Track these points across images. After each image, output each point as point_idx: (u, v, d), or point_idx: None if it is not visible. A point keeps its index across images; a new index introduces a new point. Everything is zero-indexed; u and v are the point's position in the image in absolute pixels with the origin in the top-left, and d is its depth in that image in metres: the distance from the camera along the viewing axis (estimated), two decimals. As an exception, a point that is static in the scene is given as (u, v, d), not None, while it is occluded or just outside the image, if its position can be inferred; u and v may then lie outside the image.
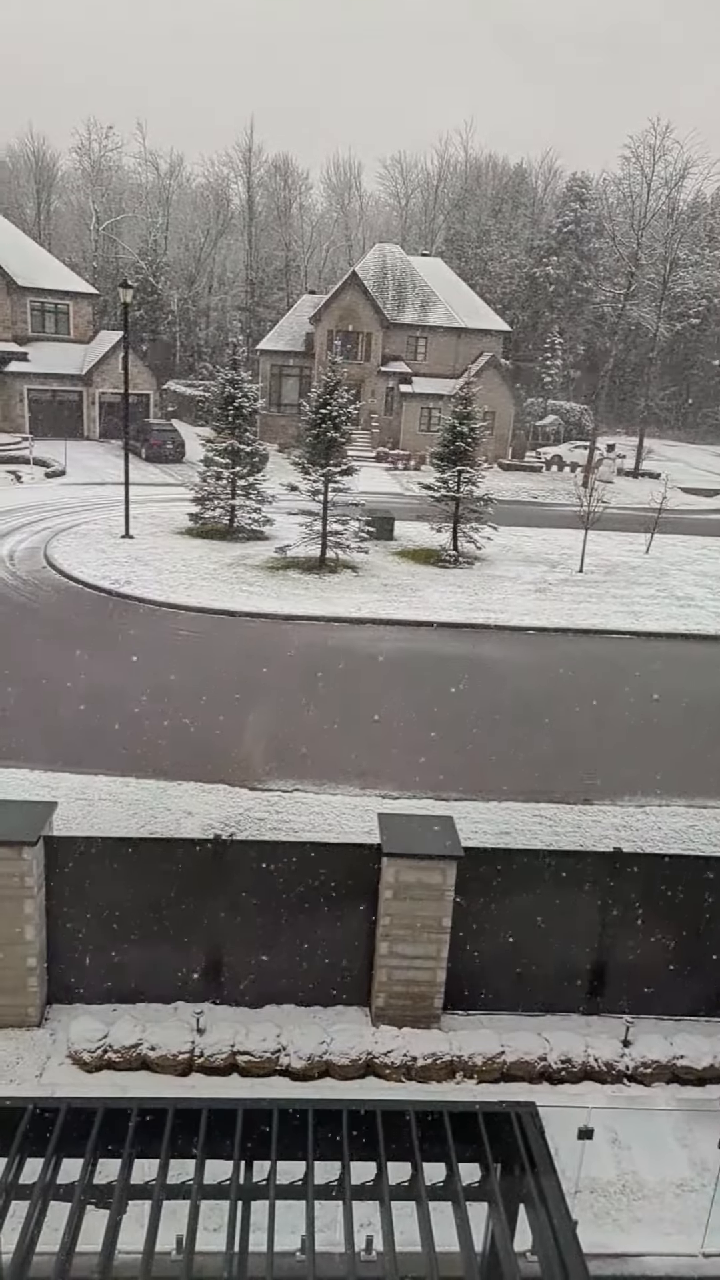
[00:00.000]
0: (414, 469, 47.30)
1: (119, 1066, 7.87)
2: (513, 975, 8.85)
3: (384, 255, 54.35)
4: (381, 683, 18.08)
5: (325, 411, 25.20)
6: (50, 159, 75.62)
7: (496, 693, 17.94)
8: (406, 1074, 7.96)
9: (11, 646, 18.59)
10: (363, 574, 25.77)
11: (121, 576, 23.71)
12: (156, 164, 75.99)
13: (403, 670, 18.90)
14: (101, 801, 12.33)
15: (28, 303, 47.65)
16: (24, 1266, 3.95)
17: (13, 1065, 7.98)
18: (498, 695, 17.78)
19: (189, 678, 17.49)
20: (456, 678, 18.53)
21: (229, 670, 18.18)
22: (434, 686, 17.93)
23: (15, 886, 8.09)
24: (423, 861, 8.26)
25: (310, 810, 12.57)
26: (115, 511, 29.34)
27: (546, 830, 12.42)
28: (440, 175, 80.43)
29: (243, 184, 75.39)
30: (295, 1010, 8.72)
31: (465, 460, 27.37)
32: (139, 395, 46.75)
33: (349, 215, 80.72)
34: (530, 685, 18.47)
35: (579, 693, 18.07)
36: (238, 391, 28.53)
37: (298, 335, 52.78)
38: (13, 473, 37.91)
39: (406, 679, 18.32)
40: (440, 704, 16.99)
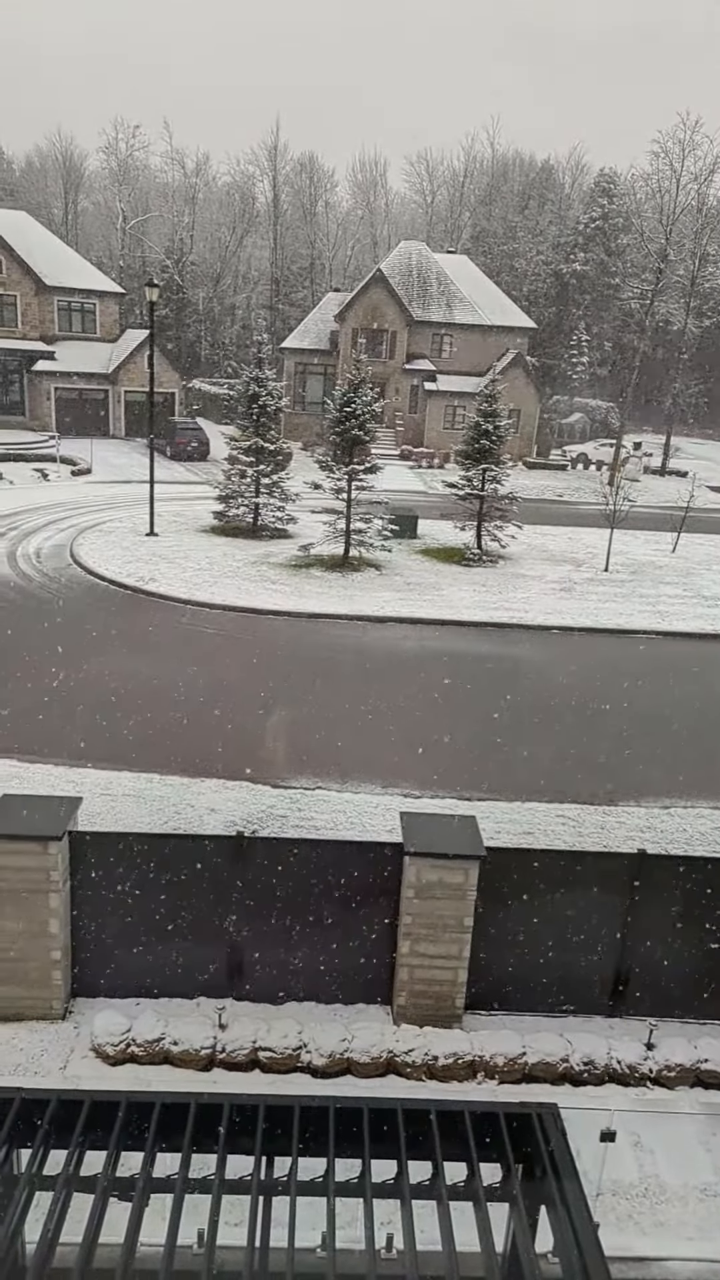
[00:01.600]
0: (438, 467, 47.20)
1: (142, 1060, 7.93)
2: (535, 976, 8.81)
3: (409, 252, 54.23)
4: (402, 680, 18.06)
5: (349, 409, 25.20)
6: (78, 159, 76.29)
7: (519, 692, 17.86)
8: (428, 1073, 7.96)
9: (36, 643, 18.76)
10: (386, 572, 25.75)
11: (146, 574, 23.87)
12: (183, 163, 76.44)
13: (425, 668, 18.86)
14: (125, 798, 12.43)
15: (55, 302, 48.09)
16: (48, 1256, 3.99)
17: (37, 1057, 8.06)
18: (520, 694, 17.69)
19: (212, 675, 17.57)
20: (479, 676, 18.47)
21: (251, 668, 18.24)
22: (456, 685, 17.88)
23: (40, 881, 8.17)
24: (445, 861, 8.25)
25: (332, 808, 12.59)
26: (140, 509, 29.53)
27: (570, 831, 12.36)
28: (467, 171, 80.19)
29: (268, 182, 75.64)
30: (317, 1007, 8.74)
31: (490, 458, 27.27)
32: (164, 394, 47.01)
33: (374, 213, 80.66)
34: (553, 685, 18.37)
35: (603, 693, 17.95)
36: (262, 390, 28.60)
37: (322, 333, 52.81)
38: (39, 470, 38.28)
39: (428, 677, 18.28)
40: (462, 703, 16.94)
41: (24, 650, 18.20)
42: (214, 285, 69.33)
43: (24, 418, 46.71)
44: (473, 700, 17.15)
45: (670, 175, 55.38)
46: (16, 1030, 8.32)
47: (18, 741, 13.93)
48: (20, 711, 15.09)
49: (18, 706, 15.29)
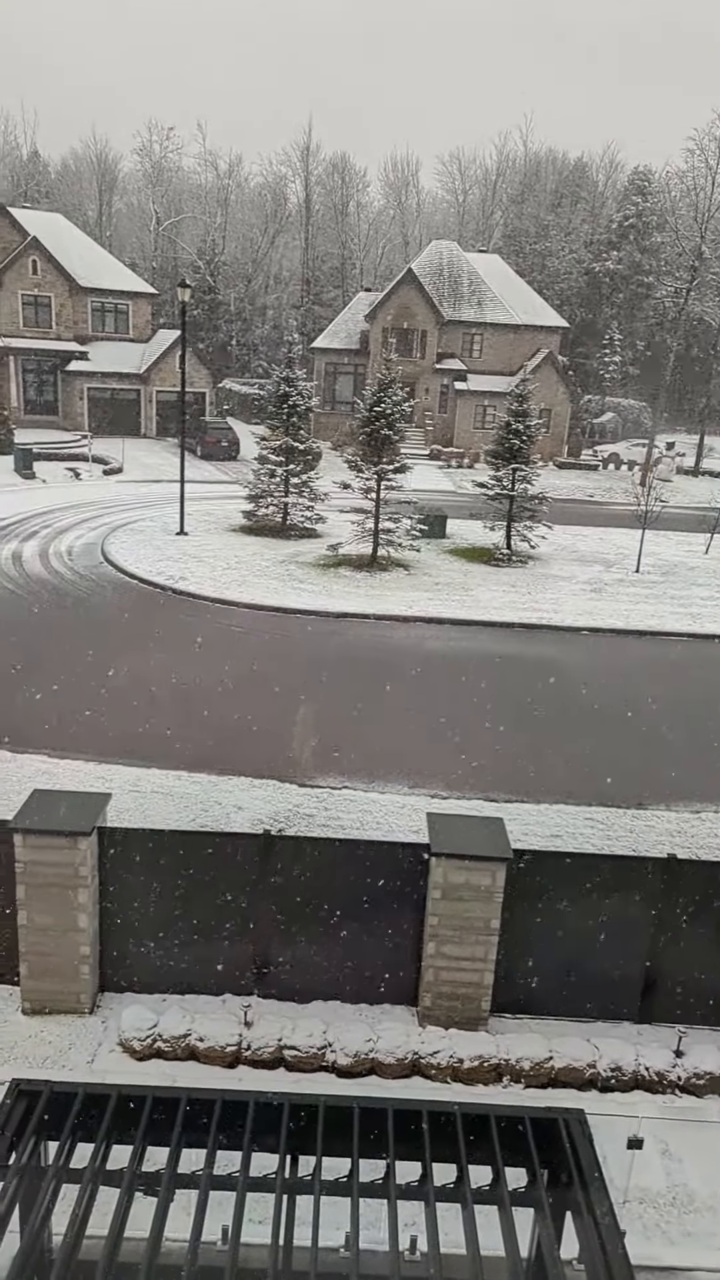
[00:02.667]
0: (468, 467, 47.02)
1: (168, 1056, 7.98)
2: (562, 980, 8.75)
3: (440, 252, 54.09)
4: (430, 680, 18.00)
5: (379, 409, 25.19)
6: (112, 161, 76.99)
7: (547, 693, 17.73)
8: (453, 1075, 7.93)
9: (67, 640, 18.96)
10: (414, 572, 25.70)
11: (176, 573, 24.03)
12: (216, 164, 76.85)
13: (452, 669, 18.79)
14: (154, 794, 12.51)
15: (89, 303, 48.59)
16: (74, 1248, 4.02)
17: (65, 1051, 8.14)
18: (549, 696, 17.57)
19: (239, 674, 17.65)
20: (507, 677, 18.37)
21: (278, 666, 18.29)
22: (483, 685, 17.80)
23: (70, 876, 8.25)
24: (471, 862, 8.21)
25: (359, 808, 12.59)
26: (170, 508, 29.74)
27: (598, 834, 12.25)
28: (499, 170, 79.80)
29: (300, 183, 75.80)
30: (342, 1007, 8.74)
31: (520, 458, 27.12)
32: (195, 393, 47.31)
33: (406, 212, 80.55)
34: (583, 686, 18.21)
35: (633, 695, 17.77)
36: (292, 389, 28.67)
37: (353, 333, 52.84)
38: (72, 470, 38.69)
39: (456, 677, 18.21)
40: (489, 703, 16.86)
41: (55, 648, 18.40)
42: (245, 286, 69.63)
43: (57, 417, 47.24)
44: (500, 701, 17.06)
45: (706, 173, 54.79)
46: (45, 1023, 8.41)
47: (48, 737, 14.08)
48: (50, 708, 15.25)
49: (48, 703, 15.46)
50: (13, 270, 45.85)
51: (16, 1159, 4.43)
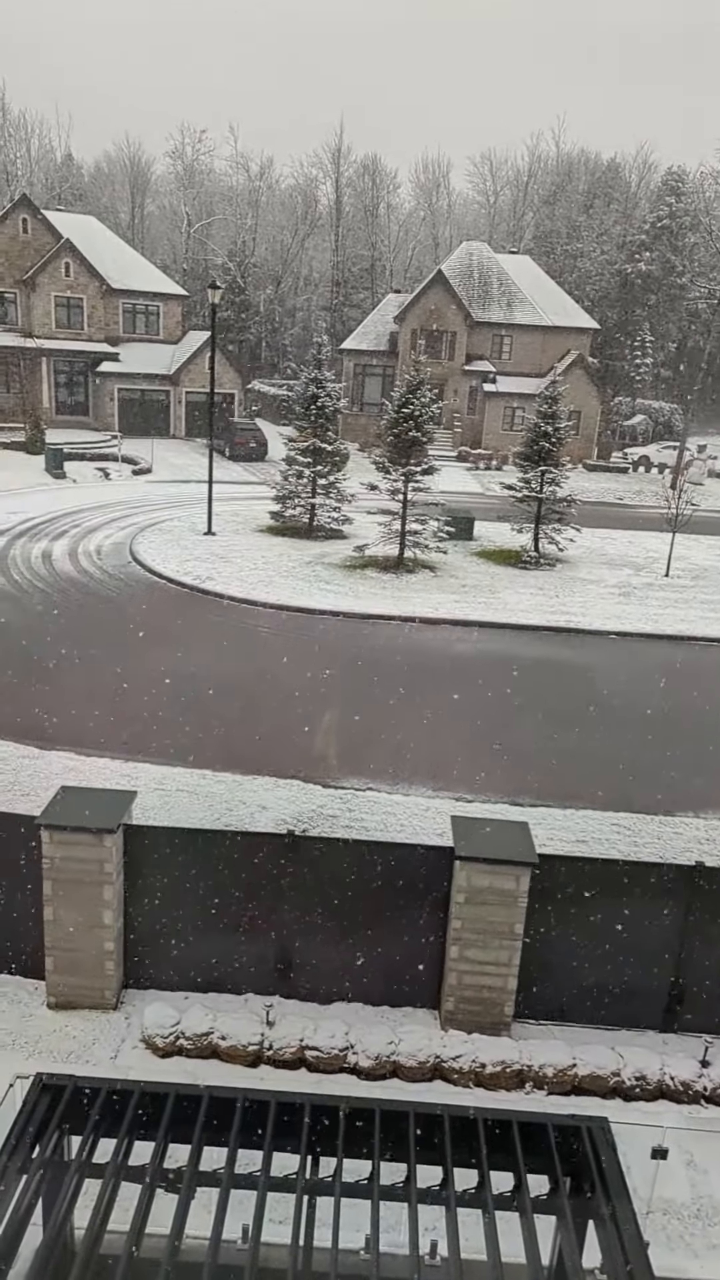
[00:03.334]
0: (496, 469, 46.84)
1: (190, 1053, 8.01)
2: (586, 986, 8.67)
3: (470, 253, 53.94)
4: (455, 683, 17.94)
5: (407, 411, 25.16)
6: (145, 164, 77.63)
7: (574, 697, 17.61)
8: (475, 1080, 7.88)
9: (95, 639, 19.13)
10: (441, 574, 25.64)
11: (203, 572, 24.15)
12: (247, 167, 77.27)
13: (478, 671, 18.72)
14: (179, 793, 12.58)
15: (120, 304, 49.01)
16: (96, 1243, 4.05)
17: (89, 1046, 8.20)
18: (576, 700, 17.45)
19: (264, 674, 17.70)
20: (534, 681, 18.27)
21: (303, 667, 18.31)
22: (510, 689, 17.71)
23: (95, 872, 8.31)
24: (496, 866, 8.16)
25: (383, 810, 12.57)
26: (198, 509, 29.91)
27: (625, 840, 12.14)
28: (531, 171, 79.46)
29: (331, 184, 75.97)
30: (364, 1009, 8.73)
31: (549, 460, 26.96)
32: (224, 394, 47.55)
33: (436, 214, 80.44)
34: (610, 691, 18.06)
35: (661, 700, 17.59)
36: (321, 391, 28.72)
37: (381, 335, 52.86)
38: (102, 470, 39.05)
39: (482, 680, 18.14)
40: (515, 707, 16.77)
41: (81, 646, 18.57)
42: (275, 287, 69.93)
43: (88, 418, 47.69)
44: (527, 704, 16.96)
45: (741, 172, 54.13)
46: (70, 1018, 8.48)
47: (75, 734, 14.21)
48: (77, 706, 15.39)
49: (75, 701, 15.60)
50: (46, 272, 46.37)
51: (40, 1153, 4.47)
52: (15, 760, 13.25)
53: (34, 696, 15.77)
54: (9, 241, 46.25)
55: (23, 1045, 8.14)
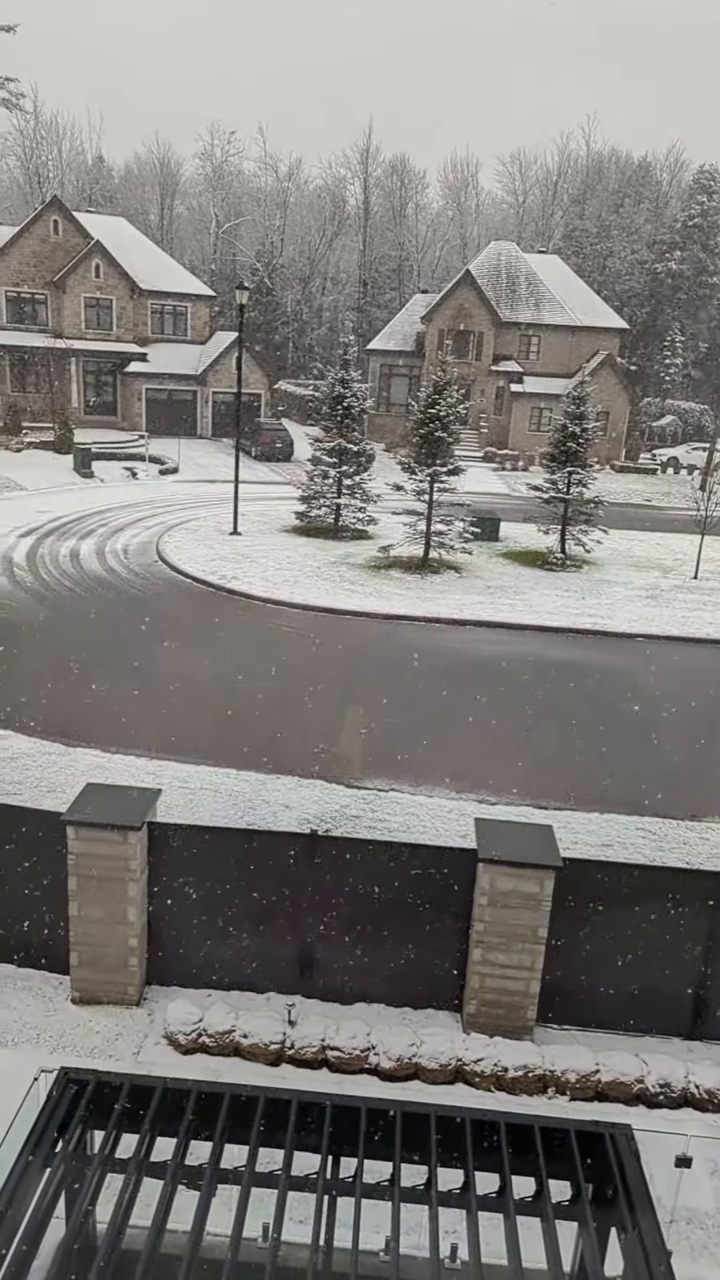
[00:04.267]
0: (522, 469, 46.62)
1: (212, 1051, 8.04)
2: (610, 992, 8.60)
3: (499, 253, 53.76)
4: (479, 684, 17.88)
5: (433, 411, 25.12)
6: (174, 165, 78.08)
7: (601, 700, 17.48)
8: (496, 1084, 7.85)
9: (121, 638, 19.28)
10: (466, 575, 25.57)
11: (228, 572, 24.26)
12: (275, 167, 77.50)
13: (503, 673, 18.64)
14: (203, 791, 12.64)
15: (149, 305, 49.35)
16: (118, 1237, 4.08)
17: (112, 1041, 8.26)
18: (602, 703, 17.32)
19: (289, 674, 17.74)
20: (559, 683, 18.16)
21: (327, 668, 18.34)
22: (535, 691, 17.62)
23: (120, 869, 8.37)
24: (520, 869, 8.12)
25: (405, 810, 12.55)
26: (224, 508, 30.05)
27: (650, 845, 12.03)
28: (560, 170, 79.01)
29: (359, 185, 76.00)
30: (385, 1010, 8.71)
31: (576, 461, 26.80)
32: (251, 395, 47.73)
33: (464, 213, 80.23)
34: (637, 694, 17.91)
35: (689, 704, 17.41)
36: (347, 391, 28.76)
37: (408, 335, 52.81)
38: (129, 469, 39.35)
39: (506, 682, 18.06)
40: (540, 709, 16.68)
41: (107, 645, 18.72)
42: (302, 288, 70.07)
43: (116, 418, 48.08)
44: (552, 707, 16.86)
45: (774, 170, 53.46)
46: (94, 1013, 8.54)
47: (100, 732, 14.32)
48: (102, 704, 15.51)
49: (101, 699, 15.73)
50: (76, 273, 46.79)
51: (64, 1146, 4.50)
52: (42, 757, 13.38)
53: (60, 694, 15.92)
54: (40, 243, 46.74)
55: (47, 1039, 8.22)
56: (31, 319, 47.41)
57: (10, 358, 46.47)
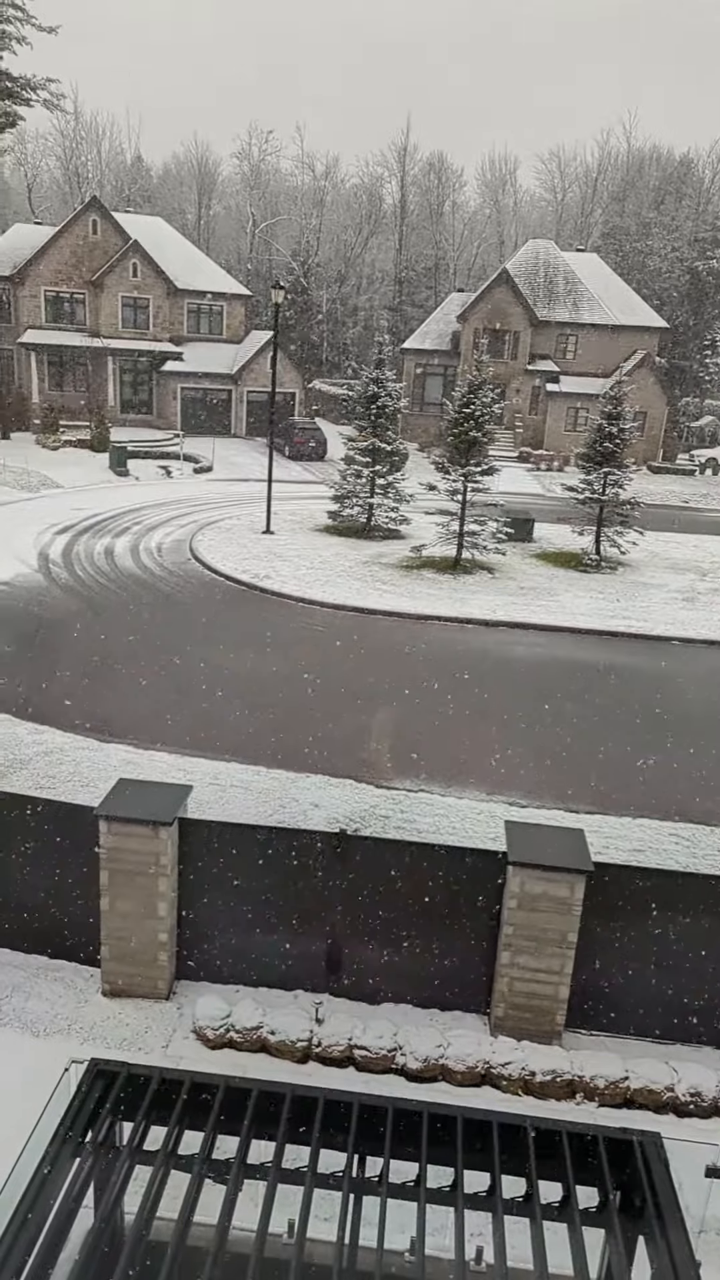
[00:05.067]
0: (558, 470, 46.30)
1: (240, 1047, 8.09)
2: (640, 999, 8.51)
3: (536, 251, 53.41)
4: (511, 686, 17.78)
5: (468, 411, 25.02)
6: (212, 165, 78.63)
7: (634, 704, 17.30)
8: (524, 1088, 7.80)
9: (152, 634, 19.44)
10: (499, 576, 25.44)
11: (261, 571, 24.37)
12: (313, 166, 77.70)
13: (535, 675, 18.52)
14: (233, 788, 12.71)
15: (185, 304, 49.72)
16: (145, 1229, 4.12)
17: (142, 1034, 8.34)
18: (635, 707, 17.14)
19: (319, 673, 17.78)
20: (592, 686, 18.00)
21: (358, 667, 18.35)
22: (567, 694, 17.49)
23: (151, 864, 8.45)
24: (550, 873, 8.06)
25: (435, 812, 12.52)
26: (258, 507, 30.19)
27: (684, 851, 11.88)
28: (600, 168, 78.33)
29: (396, 183, 75.97)
30: (412, 1010, 8.70)
31: (613, 462, 26.55)
32: (285, 394, 47.90)
33: (502, 211, 79.84)
34: (671, 698, 17.69)
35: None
36: (381, 390, 28.75)
37: (443, 334, 52.66)
38: (164, 468, 39.68)
39: (539, 684, 17.94)
40: (572, 712, 16.54)
41: (139, 641, 18.90)
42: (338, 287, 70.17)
43: (151, 416, 48.52)
44: (585, 710, 16.72)
45: None
46: (124, 1006, 8.63)
47: (132, 728, 14.46)
48: (134, 700, 15.66)
49: (133, 695, 15.88)
50: (114, 273, 47.28)
51: (93, 1137, 4.56)
52: (75, 752, 13.54)
53: (92, 690, 16.10)
54: (79, 243, 47.29)
55: (77, 1031, 8.32)
56: (69, 318, 47.99)
57: (49, 357, 47.09)
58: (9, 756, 13.23)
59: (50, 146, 76.75)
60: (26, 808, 8.98)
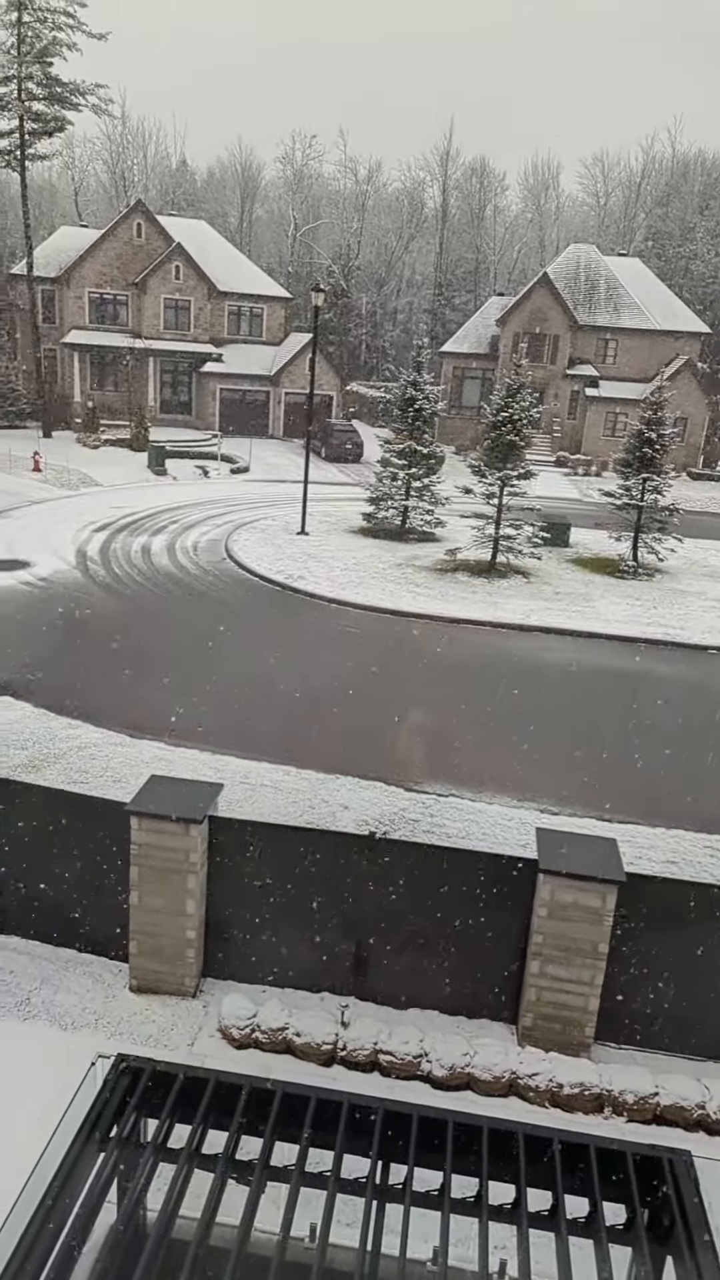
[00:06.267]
0: (595, 475, 45.89)
1: (264, 1047, 8.07)
2: (672, 1013, 8.36)
3: (578, 255, 53.04)
4: (543, 692, 17.62)
5: (506, 414, 24.88)
6: (255, 169, 79.11)
7: (670, 713, 17.05)
8: (551, 1100, 7.70)
9: (186, 633, 19.56)
10: (534, 580, 25.25)
11: (295, 571, 24.42)
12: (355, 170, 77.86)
13: (569, 681, 18.33)
14: (263, 788, 12.73)
15: (226, 306, 50.08)
16: (168, 1227, 4.11)
17: (168, 1031, 8.37)
18: (671, 716, 16.89)
19: (351, 674, 17.75)
20: (627, 694, 17.78)
21: (390, 669, 18.29)
22: (602, 700, 17.29)
23: (180, 861, 8.48)
24: (581, 883, 7.95)
25: (464, 816, 12.43)
26: (293, 508, 30.27)
27: (718, 863, 11.67)
28: (644, 172, 77.59)
29: (438, 187, 75.87)
30: (439, 1017, 8.63)
31: (652, 467, 26.23)
32: (323, 396, 48.00)
33: (544, 215, 79.40)
34: (709, 708, 17.41)
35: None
36: (419, 393, 28.69)
37: (482, 337, 52.46)
38: (201, 468, 39.96)
39: (573, 690, 17.76)
40: (607, 719, 16.35)
41: (175, 639, 19.02)
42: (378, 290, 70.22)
43: (190, 416, 48.90)
44: (618, 717, 16.51)
45: None
46: (150, 1002, 8.66)
47: (164, 725, 14.55)
48: (167, 697, 15.76)
49: (166, 692, 15.98)
50: (157, 275, 47.75)
51: (118, 1132, 4.57)
52: (108, 748, 13.65)
53: (126, 686, 16.23)
54: (123, 246, 47.83)
55: (105, 1025, 8.36)
56: (113, 319, 48.55)
57: (91, 357, 47.66)
58: (43, 750, 13.38)
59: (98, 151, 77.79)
60: (58, 801, 9.07)
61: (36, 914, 9.26)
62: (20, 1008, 8.48)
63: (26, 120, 42.35)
